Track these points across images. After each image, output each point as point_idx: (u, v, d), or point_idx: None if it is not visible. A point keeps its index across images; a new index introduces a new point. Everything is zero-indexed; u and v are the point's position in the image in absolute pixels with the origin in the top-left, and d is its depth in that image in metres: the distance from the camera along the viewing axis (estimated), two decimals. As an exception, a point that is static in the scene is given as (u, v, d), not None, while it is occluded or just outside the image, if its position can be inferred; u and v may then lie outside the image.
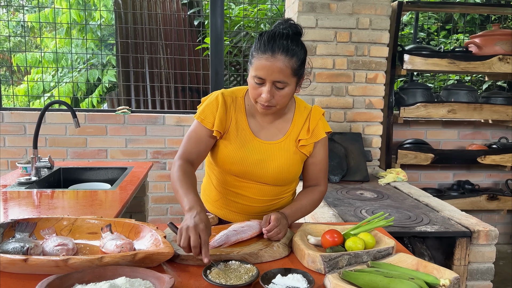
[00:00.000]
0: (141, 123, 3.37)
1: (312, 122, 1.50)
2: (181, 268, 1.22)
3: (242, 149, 1.46)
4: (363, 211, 2.25)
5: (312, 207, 1.54)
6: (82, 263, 1.12)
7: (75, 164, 2.66)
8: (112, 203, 1.83)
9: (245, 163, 1.46)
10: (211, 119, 1.45)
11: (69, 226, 1.42)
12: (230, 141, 1.46)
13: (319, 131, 1.50)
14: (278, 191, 1.54)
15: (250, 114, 1.50)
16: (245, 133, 1.47)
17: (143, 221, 2.73)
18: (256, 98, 1.37)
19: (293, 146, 1.49)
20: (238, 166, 1.46)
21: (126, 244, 1.25)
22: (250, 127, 1.48)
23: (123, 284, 1.05)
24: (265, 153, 1.47)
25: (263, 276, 1.13)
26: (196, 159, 1.47)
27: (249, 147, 1.46)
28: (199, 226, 1.16)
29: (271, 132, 1.50)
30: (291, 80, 1.34)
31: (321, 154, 1.53)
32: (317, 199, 1.55)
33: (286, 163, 1.47)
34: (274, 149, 1.48)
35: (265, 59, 1.30)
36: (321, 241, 1.36)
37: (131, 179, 2.28)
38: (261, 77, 1.32)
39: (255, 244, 1.32)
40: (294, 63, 1.31)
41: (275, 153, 1.47)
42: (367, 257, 1.25)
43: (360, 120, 3.15)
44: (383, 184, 2.90)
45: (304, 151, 1.50)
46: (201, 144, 1.46)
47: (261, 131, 1.49)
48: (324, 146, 1.54)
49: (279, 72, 1.30)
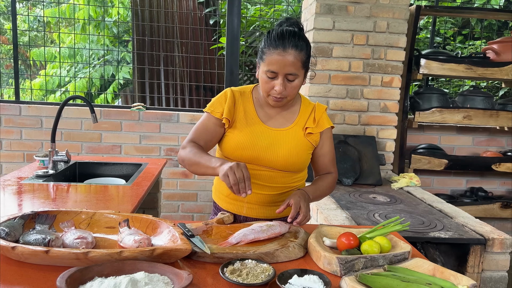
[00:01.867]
0: (155, 120, 3.40)
1: (317, 114, 1.60)
2: (197, 265, 1.23)
3: (252, 135, 1.53)
4: (376, 215, 2.24)
5: (328, 188, 1.62)
6: (102, 257, 1.14)
7: (90, 158, 2.69)
8: (128, 198, 1.85)
9: (255, 147, 1.52)
10: (219, 109, 1.54)
11: (87, 219, 1.44)
12: (240, 130, 1.54)
13: (324, 122, 1.60)
14: (288, 179, 1.58)
15: (258, 106, 1.58)
16: (254, 122, 1.55)
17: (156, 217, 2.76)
18: (268, 91, 1.47)
19: (300, 133, 1.57)
20: (249, 151, 1.52)
21: (144, 239, 1.26)
22: (259, 116, 1.56)
23: (142, 279, 1.06)
24: (274, 138, 1.54)
25: (280, 276, 1.13)
26: (204, 145, 1.55)
27: (258, 133, 1.53)
28: (240, 165, 1.30)
29: (279, 122, 1.57)
30: (301, 72, 1.46)
31: (328, 144, 1.62)
32: (332, 181, 1.63)
33: (295, 147, 1.54)
34: (283, 135, 1.55)
35: (277, 54, 1.40)
36: (336, 243, 1.36)
37: (146, 175, 2.31)
38: (274, 71, 1.42)
39: (271, 244, 1.32)
40: (303, 56, 1.43)
41: (284, 138, 1.55)
42: (383, 261, 1.25)
43: (375, 123, 3.14)
44: (396, 188, 2.88)
45: (310, 139, 1.58)
46: (209, 132, 1.55)
47: (269, 120, 1.57)
48: (330, 138, 1.63)
49: (291, 65, 1.41)
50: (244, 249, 1.28)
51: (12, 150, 3.33)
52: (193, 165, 1.46)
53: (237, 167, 1.29)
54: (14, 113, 3.31)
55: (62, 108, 2.21)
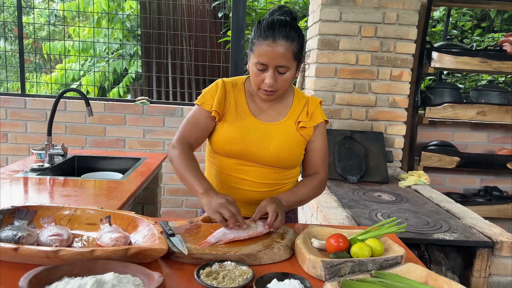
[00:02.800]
0: (159, 114, 3.36)
1: (311, 107, 1.52)
2: (175, 265, 1.17)
3: (242, 129, 1.46)
4: (378, 214, 2.15)
5: (311, 192, 1.52)
6: (73, 256, 1.09)
7: (89, 152, 2.66)
8: (118, 194, 1.81)
9: (245, 142, 1.45)
10: (210, 101, 1.48)
11: (69, 215, 1.40)
12: (229, 123, 1.48)
13: (317, 116, 1.52)
14: (279, 175, 1.51)
15: (250, 98, 1.52)
16: (244, 115, 1.49)
17: (154, 213, 2.73)
18: (259, 84, 1.41)
19: (293, 127, 1.50)
20: (238, 145, 1.45)
21: (121, 237, 1.21)
22: (250, 109, 1.50)
23: (110, 280, 1.01)
24: (265, 133, 1.47)
25: (258, 280, 1.07)
26: (194, 142, 1.50)
27: (249, 127, 1.47)
28: (229, 199, 1.29)
29: (271, 115, 1.51)
30: (292, 64, 1.38)
31: (319, 140, 1.53)
32: (316, 185, 1.53)
33: (287, 142, 1.47)
34: (274, 129, 1.48)
35: (266, 45, 1.33)
36: (325, 245, 1.28)
37: (142, 170, 2.26)
38: (263, 63, 1.35)
39: (254, 245, 1.26)
40: (294, 47, 1.35)
41: (275, 133, 1.48)
42: (372, 266, 1.17)
43: (383, 119, 3.03)
44: (403, 186, 2.78)
45: (304, 133, 1.51)
46: (200, 127, 1.49)
47: (261, 114, 1.51)
48: (322, 133, 1.54)
49: (281, 57, 1.33)
50: (225, 250, 1.21)
51: (17, 143, 3.35)
52: (179, 175, 1.43)
53: (225, 205, 1.26)
54: (19, 106, 3.32)
55: (57, 102, 2.18)
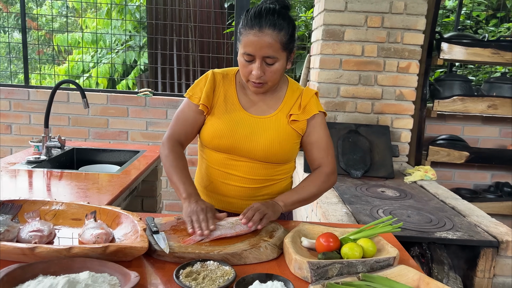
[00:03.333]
0: (162, 106, 3.33)
1: (304, 99, 1.45)
2: (156, 264, 1.13)
3: (230, 123, 1.42)
4: (380, 211, 2.08)
5: (315, 188, 1.44)
6: (49, 253, 1.06)
7: (88, 144, 2.64)
8: (111, 188, 1.78)
9: (234, 136, 1.41)
10: (198, 94, 1.44)
11: (54, 210, 1.37)
12: (218, 116, 1.43)
13: (311, 108, 1.44)
14: (270, 171, 1.46)
15: (241, 91, 1.47)
16: (234, 108, 1.44)
17: (154, 206, 2.70)
18: (247, 76, 1.36)
19: (284, 121, 1.44)
20: (227, 140, 1.41)
21: (102, 234, 1.18)
22: (240, 102, 1.45)
23: (84, 280, 0.97)
24: (255, 126, 1.42)
25: (239, 281, 1.02)
26: (184, 138, 1.47)
27: (238, 120, 1.43)
28: (203, 208, 1.25)
29: (262, 108, 1.45)
30: (281, 55, 1.32)
31: (317, 132, 1.46)
32: (321, 180, 1.45)
33: (277, 136, 1.41)
34: (264, 122, 1.43)
35: (252, 34, 1.28)
36: (315, 245, 1.23)
37: (139, 163, 2.23)
38: (250, 53, 1.30)
39: (240, 244, 1.21)
40: (282, 37, 1.29)
41: (265, 126, 1.43)
42: (362, 267, 1.11)
43: (389, 112, 2.94)
44: (409, 182, 2.69)
45: (296, 127, 1.44)
46: (189, 123, 1.45)
47: (251, 107, 1.46)
48: (320, 124, 1.47)
49: (268, 47, 1.28)
50: (209, 249, 1.17)
51: (21, 134, 3.35)
52: (167, 176, 1.41)
53: (202, 211, 1.24)
54: (23, 98, 3.32)
55: (54, 93, 2.16)
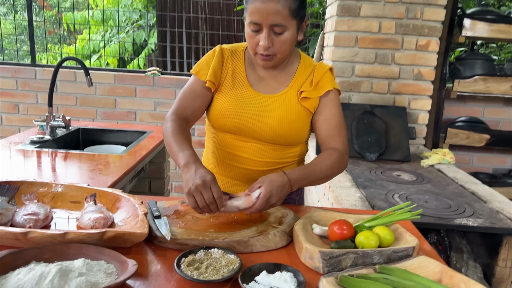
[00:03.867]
0: (170, 86, 3.24)
1: (317, 75, 1.34)
2: (158, 251, 1.06)
3: (237, 101, 1.33)
4: (395, 196, 1.98)
5: (328, 168, 1.29)
6: (43, 238, 0.99)
7: (94, 124, 2.58)
8: (114, 169, 1.71)
9: (240, 115, 1.31)
10: (205, 70, 1.35)
11: (53, 193, 1.31)
12: (225, 94, 1.34)
13: (324, 84, 1.34)
14: (279, 153, 1.37)
15: (250, 67, 1.37)
16: (241, 85, 1.34)
17: (162, 188, 2.64)
18: (254, 48, 1.26)
19: (294, 99, 1.34)
20: (233, 119, 1.32)
21: (101, 219, 1.11)
22: (248, 79, 1.36)
23: (78, 268, 0.90)
24: (263, 105, 1.33)
25: (245, 271, 0.94)
26: (191, 115, 1.36)
27: (245, 99, 1.33)
28: (207, 180, 1.08)
29: (271, 86, 1.35)
30: (290, 23, 1.22)
31: (329, 109, 1.35)
32: (335, 159, 1.30)
33: (286, 116, 1.31)
34: (273, 101, 1.33)
35: (259, 1, 1.18)
36: (327, 233, 1.14)
37: (146, 144, 2.16)
38: (256, 22, 1.20)
39: (247, 230, 1.13)
40: (291, 3, 1.19)
41: (274, 105, 1.33)
42: (378, 258, 1.03)
43: (406, 92, 2.81)
44: (426, 165, 2.58)
45: (307, 105, 1.34)
46: (196, 98, 1.35)
47: (260, 84, 1.35)
48: (333, 101, 1.35)
49: (275, 14, 1.18)
50: (213, 235, 1.09)
51: (28, 114, 3.31)
52: (167, 148, 1.27)
53: (204, 186, 1.06)
54: (30, 77, 3.26)
55: (57, 71, 2.09)
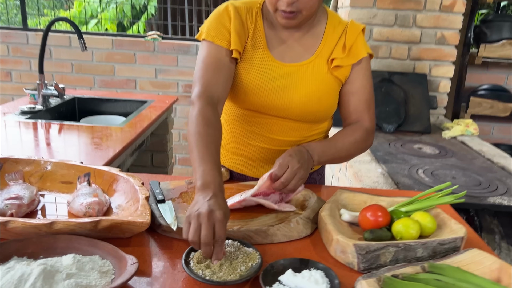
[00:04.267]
0: (172, 52, 3.02)
1: (349, 38, 1.13)
2: (163, 242, 0.91)
3: (259, 74, 1.11)
4: (420, 171, 1.82)
5: (352, 146, 1.13)
6: (26, 229, 0.84)
7: (91, 93, 2.39)
8: (112, 143, 1.54)
9: (262, 92, 1.11)
10: (225, 35, 1.09)
11: (41, 171, 1.14)
12: (244, 65, 1.12)
13: (359, 50, 1.13)
14: (304, 132, 1.18)
15: (270, 29, 1.14)
16: (262, 53, 1.12)
17: (165, 161, 2.48)
18: (275, 3, 1.03)
19: (324, 68, 1.13)
20: (254, 96, 1.12)
21: (95, 204, 0.95)
22: (269, 46, 1.13)
23: (67, 268, 0.75)
24: (288, 78, 1.11)
25: (267, 270, 0.79)
26: (220, 94, 1.07)
27: (267, 71, 1.11)
28: (215, 214, 0.78)
29: (296, 52, 1.14)
30: None
31: (360, 79, 1.15)
32: (360, 136, 1.14)
33: (315, 90, 1.11)
34: (300, 72, 1.12)
35: None
36: (358, 219, 0.98)
37: (147, 114, 1.98)
38: None
39: (265, 217, 0.97)
40: None
41: (301, 77, 1.12)
42: (422, 251, 0.87)
43: (428, 58, 2.59)
44: (448, 137, 2.41)
45: (339, 74, 1.13)
46: (222, 72, 1.08)
47: (282, 51, 1.13)
48: (365, 70, 1.15)
49: None
50: (227, 224, 0.93)
51: (22, 82, 3.12)
52: (189, 146, 0.97)
53: (208, 219, 0.77)
54: (22, 42, 3.05)
55: (47, 34, 1.89)
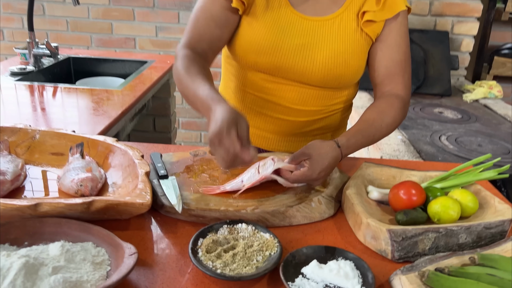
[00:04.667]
0: (173, 8, 2.82)
1: None
2: (167, 224, 0.79)
3: (275, 29, 0.95)
4: (443, 138, 1.68)
5: (387, 126, 0.96)
6: (8, 212, 0.72)
7: (87, 53, 2.23)
8: (109, 108, 1.41)
9: (279, 51, 0.95)
10: None
11: (28, 140, 1.02)
12: (257, 18, 0.96)
13: (396, 2, 0.95)
14: (326, 100, 1.03)
15: None
16: (278, 5, 0.96)
17: (168, 126, 2.35)
18: None
19: (353, 24, 0.96)
20: (268, 57, 0.96)
21: (87, 180, 0.83)
22: None
23: (53, 260, 0.64)
24: (310, 35, 0.95)
25: (288, 260, 0.67)
26: (209, 48, 0.96)
27: (286, 25, 0.95)
28: (230, 124, 0.70)
29: (321, 4, 0.97)
30: None
31: (394, 37, 0.97)
32: (396, 114, 0.96)
33: (343, 49, 0.95)
34: (324, 28, 0.96)
35: None
36: (388, 198, 0.86)
37: (147, 76, 1.83)
38: None
39: (283, 196, 0.85)
40: None
41: (325, 34, 0.95)
42: (466, 237, 0.75)
43: (450, 14, 2.39)
44: (469, 100, 2.25)
45: (370, 31, 0.96)
46: (215, 25, 0.96)
47: (305, 2, 0.97)
48: (401, 26, 0.98)
49: None
50: (239, 204, 0.81)
51: (15, 41, 2.93)
52: (181, 89, 0.90)
53: (228, 133, 0.70)
54: (12, -3, 2.84)
55: (35, -14, 1.70)
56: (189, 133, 3.12)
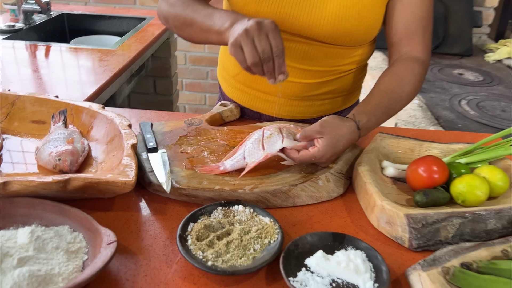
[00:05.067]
0: (174, -41, 2.63)
1: None
2: (156, 203, 0.71)
3: None
4: (463, 103, 1.56)
5: (408, 95, 0.84)
6: (-28, 191, 0.63)
7: (81, 9, 2.09)
8: (102, 69, 1.30)
9: (281, 0, 0.83)
10: None
11: (7, 107, 0.92)
12: None
13: None
14: (337, 58, 0.90)
15: None
16: None
17: (169, 88, 2.24)
18: None
19: None
20: (269, 6, 0.83)
21: (66, 153, 0.74)
22: None
23: (21, 248, 0.56)
24: None
25: (290, 250, 0.59)
26: None
27: None
28: (264, 23, 0.67)
29: None
30: None
31: None
32: (416, 81, 0.84)
33: (356, 0, 0.81)
34: None
35: None
36: (406, 175, 0.76)
37: (145, 34, 1.71)
38: None
39: (286, 174, 0.75)
40: None
41: None
42: (495, 223, 0.65)
43: (475, -36, 2.19)
44: (492, 61, 2.09)
45: None
46: None
47: None
48: None
49: None
50: (236, 182, 0.72)
51: None
52: (184, 25, 0.81)
53: (259, 29, 0.66)
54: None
55: None
56: (193, 95, 3.00)
